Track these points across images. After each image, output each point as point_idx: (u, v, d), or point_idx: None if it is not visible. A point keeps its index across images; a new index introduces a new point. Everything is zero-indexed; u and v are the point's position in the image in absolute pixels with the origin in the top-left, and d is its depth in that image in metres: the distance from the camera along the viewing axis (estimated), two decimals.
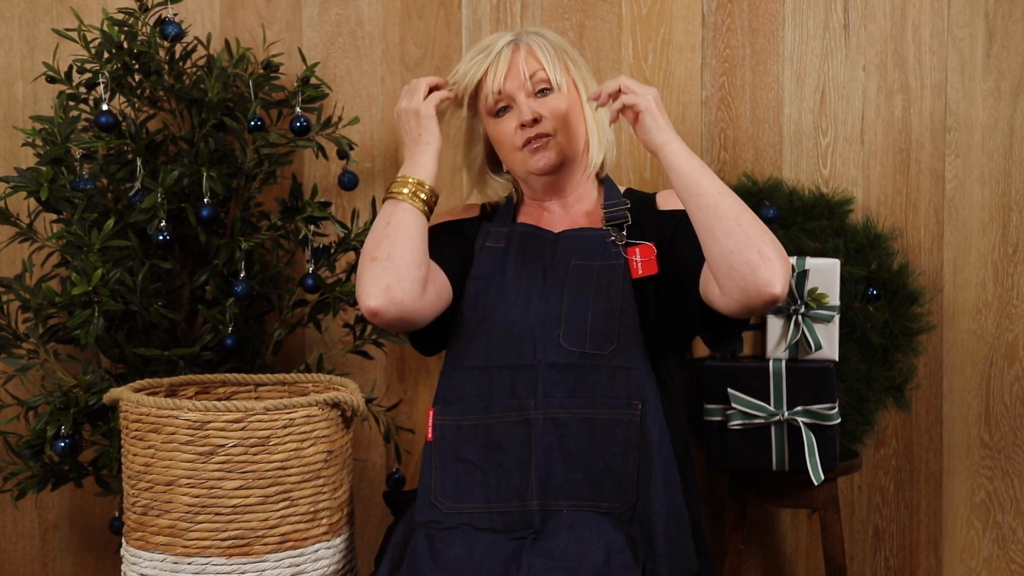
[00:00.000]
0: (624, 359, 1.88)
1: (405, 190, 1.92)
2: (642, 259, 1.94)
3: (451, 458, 1.91)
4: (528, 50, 1.98)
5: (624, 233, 1.96)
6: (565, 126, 1.97)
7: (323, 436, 2.00)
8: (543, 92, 1.97)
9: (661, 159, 1.82)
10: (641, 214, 2.02)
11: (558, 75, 1.97)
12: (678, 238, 1.93)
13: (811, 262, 2.32)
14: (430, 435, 1.93)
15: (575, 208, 2.04)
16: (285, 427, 1.96)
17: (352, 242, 2.51)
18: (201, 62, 2.52)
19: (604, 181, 2.06)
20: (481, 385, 1.91)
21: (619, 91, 1.84)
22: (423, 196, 1.92)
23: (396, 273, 1.84)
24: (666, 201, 2.04)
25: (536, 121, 1.95)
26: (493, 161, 2.13)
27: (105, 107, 2.32)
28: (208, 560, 1.95)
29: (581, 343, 1.88)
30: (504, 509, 1.86)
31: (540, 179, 2.00)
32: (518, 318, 1.91)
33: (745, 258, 1.75)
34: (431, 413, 1.94)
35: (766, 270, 1.74)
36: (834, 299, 2.32)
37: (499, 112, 1.99)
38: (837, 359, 2.34)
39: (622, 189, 2.08)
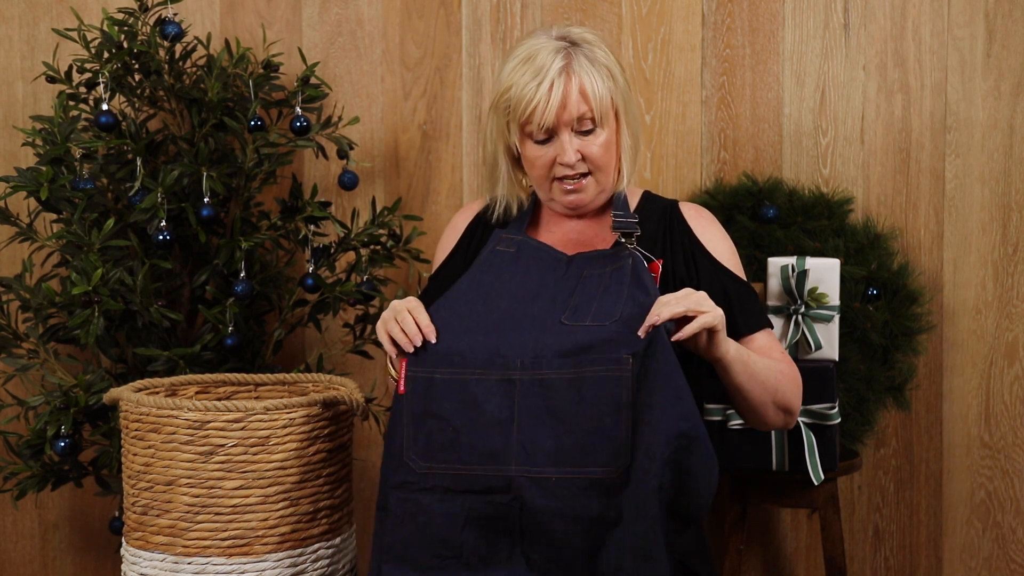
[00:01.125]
0: (622, 328, 1.82)
1: None
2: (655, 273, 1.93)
3: (422, 413, 1.80)
4: (580, 84, 1.90)
5: (634, 243, 1.94)
6: (602, 166, 1.94)
7: (323, 436, 2.00)
8: (586, 132, 1.92)
9: (719, 365, 1.83)
10: (662, 227, 1.99)
11: (604, 109, 1.92)
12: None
13: (811, 262, 2.32)
14: (402, 387, 1.82)
15: (589, 219, 2.02)
16: (285, 427, 1.95)
17: (352, 242, 2.51)
18: (201, 62, 2.52)
19: (615, 193, 2.02)
20: (460, 343, 1.83)
21: (683, 314, 1.76)
22: None
23: None
24: (698, 222, 2.01)
25: (579, 161, 1.93)
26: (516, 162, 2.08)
27: (105, 107, 2.32)
28: (208, 560, 1.95)
29: (583, 319, 1.84)
30: (478, 471, 1.76)
31: (567, 209, 2.00)
32: (521, 309, 1.86)
33: (771, 422, 1.93)
34: (403, 364, 1.83)
35: (784, 424, 1.95)
36: (834, 299, 2.32)
37: (539, 141, 1.97)
38: (837, 359, 2.34)
39: (639, 194, 2.05)
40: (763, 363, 1.86)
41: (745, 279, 1.98)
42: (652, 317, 1.75)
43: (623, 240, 1.92)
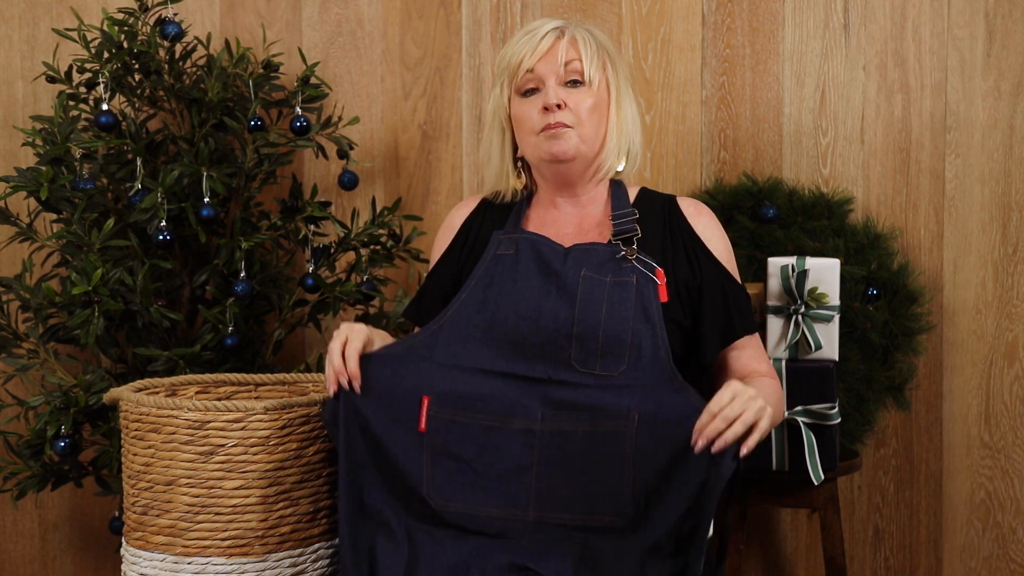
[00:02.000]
0: (634, 378, 1.87)
1: None
2: (659, 282, 1.93)
3: (442, 453, 1.86)
4: (571, 40, 1.96)
5: (635, 247, 1.94)
6: (587, 122, 1.95)
7: (323, 436, 2.00)
8: (574, 83, 1.96)
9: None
10: (660, 223, 2.00)
11: (593, 70, 1.95)
12: (705, 303, 1.94)
13: (811, 262, 2.32)
14: (423, 425, 1.87)
15: (587, 209, 2.03)
16: (285, 427, 1.95)
17: (352, 242, 2.51)
18: (201, 62, 2.52)
19: (613, 186, 2.03)
20: (483, 388, 1.88)
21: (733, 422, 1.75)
22: None
23: None
24: (697, 219, 2.01)
25: (559, 107, 1.94)
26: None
27: (105, 107, 2.32)
28: (208, 560, 1.94)
29: (592, 364, 1.87)
30: (495, 514, 1.82)
31: (551, 167, 1.99)
32: (528, 332, 1.89)
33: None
34: (426, 401, 1.87)
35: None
36: (834, 299, 2.32)
37: (527, 92, 1.99)
38: (837, 359, 2.34)
39: (636, 190, 2.05)
40: (764, 394, 1.84)
41: (740, 281, 1.99)
42: (712, 433, 1.73)
43: (622, 248, 1.92)
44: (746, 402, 1.72)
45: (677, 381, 1.84)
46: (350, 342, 1.88)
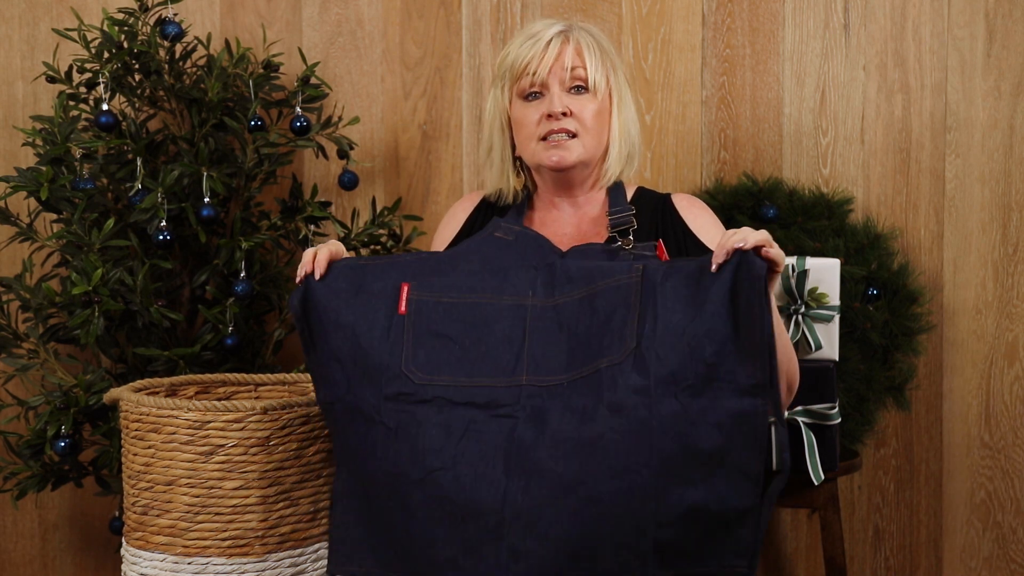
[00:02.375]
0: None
1: None
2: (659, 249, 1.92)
3: (425, 332, 1.78)
4: (576, 46, 1.96)
5: (631, 238, 1.94)
6: (591, 129, 1.96)
7: (323, 436, 2.00)
8: (578, 89, 1.96)
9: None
10: (653, 217, 2.01)
11: (598, 77, 1.95)
12: None
13: (811, 262, 2.32)
14: (403, 308, 1.79)
15: (583, 210, 2.03)
16: (285, 427, 1.96)
17: (352, 242, 2.50)
18: (201, 62, 2.52)
19: (611, 187, 2.03)
20: (471, 275, 1.83)
21: (742, 246, 1.69)
22: None
23: None
24: (690, 212, 2.01)
25: (564, 115, 1.94)
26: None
27: (105, 107, 2.32)
28: (208, 560, 1.94)
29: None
30: (487, 383, 1.73)
31: (552, 173, 1.99)
32: (520, 257, 1.86)
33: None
34: (405, 288, 1.80)
35: (783, 402, 1.88)
36: (834, 299, 2.32)
37: (529, 96, 1.98)
38: (837, 359, 2.34)
39: (633, 189, 2.06)
40: (781, 325, 1.86)
41: None
42: (731, 244, 1.68)
43: (619, 240, 1.92)
44: (752, 231, 1.69)
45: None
46: (321, 248, 1.85)
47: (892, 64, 2.60)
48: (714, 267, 1.70)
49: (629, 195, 2.04)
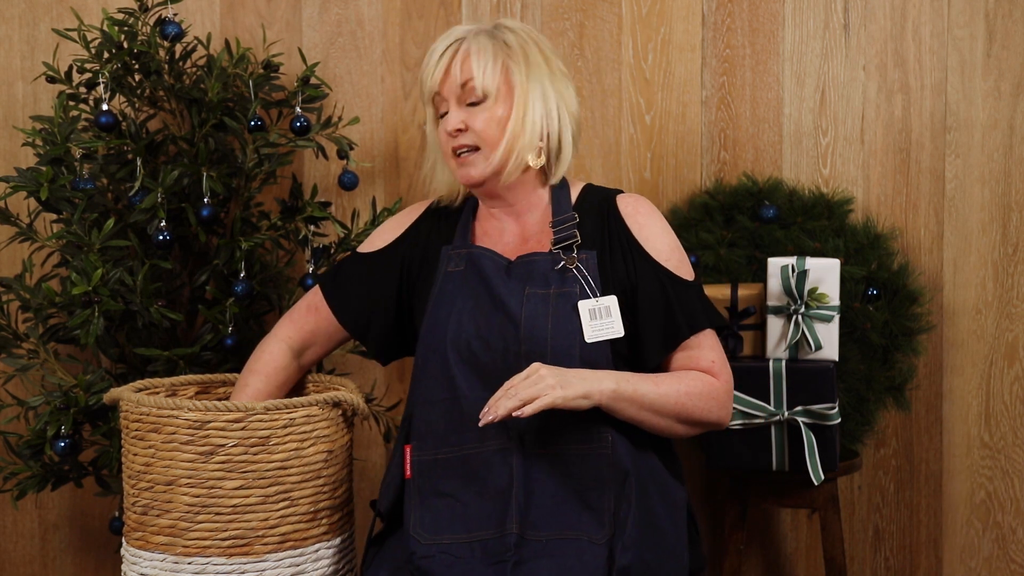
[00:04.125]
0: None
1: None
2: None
3: (430, 492, 1.89)
4: (465, 54, 1.91)
5: (575, 255, 1.92)
6: (489, 138, 1.91)
7: (323, 436, 2.00)
8: (472, 104, 1.91)
9: (601, 407, 1.84)
10: (598, 221, 1.96)
11: (488, 83, 1.89)
12: (643, 306, 1.91)
13: (811, 262, 2.32)
14: (408, 472, 1.92)
15: (526, 218, 1.99)
16: (285, 427, 1.95)
17: (352, 242, 2.50)
18: (201, 62, 2.52)
19: (554, 188, 1.98)
20: (453, 418, 1.89)
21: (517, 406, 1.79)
22: None
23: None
24: (634, 219, 1.96)
25: (461, 131, 1.91)
26: None
27: (105, 107, 2.32)
28: (208, 560, 1.94)
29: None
30: (483, 536, 1.84)
31: (467, 187, 2.00)
32: (480, 351, 1.88)
33: (683, 436, 1.93)
34: (408, 450, 1.93)
35: (704, 431, 1.94)
36: (834, 299, 2.32)
37: (441, 115, 1.97)
38: (837, 359, 2.34)
39: (580, 187, 2.01)
40: (659, 392, 1.86)
41: (690, 275, 1.94)
42: (492, 411, 1.78)
43: (563, 257, 1.91)
44: (535, 383, 1.77)
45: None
46: None
47: (892, 64, 2.60)
48: (481, 421, 1.79)
49: (574, 195, 1.99)
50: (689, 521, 1.96)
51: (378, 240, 2.09)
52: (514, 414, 1.76)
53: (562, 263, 1.90)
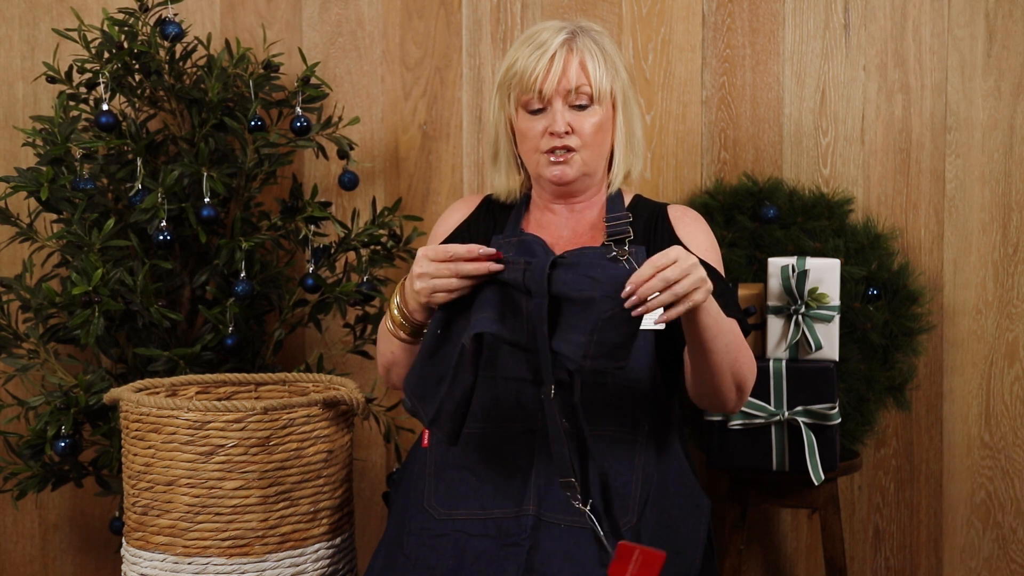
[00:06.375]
0: (630, 376, 1.87)
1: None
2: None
3: (447, 465, 1.88)
4: (581, 58, 1.94)
5: (627, 248, 1.94)
6: (591, 143, 1.96)
7: (323, 436, 2.00)
8: (581, 107, 1.94)
9: (693, 312, 1.76)
10: (648, 227, 2.00)
11: (603, 87, 1.94)
12: None
13: (811, 262, 2.32)
14: (426, 441, 1.91)
15: (581, 215, 2.02)
16: (285, 427, 1.96)
17: (352, 242, 2.51)
18: (201, 62, 2.52)
19: (611, 194, 2.03)
20: (485, 395, 1.88)
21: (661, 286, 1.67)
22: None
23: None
24: (681, 221, 2.01)
25: (567, 133, 1.94)
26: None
27: (105, 107, 2.32)
28: (208, 560, 1.95)
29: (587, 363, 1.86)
30: (499, 514, 1.83)
31: (551, 185, 2.00)
32: (519, 332, 1.89)
33: (724, 395, 1.87)
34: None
35: (735, 404, 1.90)
36: (834, 299, 2.32)
37: (533, 110, 1.98)
38: (837, 359, 2.34)
39: (631, 196, 2.06)
40: (728, 325, 1.83)
41: (723, 275, 1.97)
42: (646, 291, 1.65)
43: (614, 249, 1.92)
44: (687, 268, 1.67)
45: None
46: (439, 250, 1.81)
47: (892, 64, 2.60)
48: (627, 301, 1.66)
49: (627, 201, 2.04)
50: (707, 536, 1.95)
51: (440, 232, 2.09)
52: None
53: (613, 253, 1.91)
